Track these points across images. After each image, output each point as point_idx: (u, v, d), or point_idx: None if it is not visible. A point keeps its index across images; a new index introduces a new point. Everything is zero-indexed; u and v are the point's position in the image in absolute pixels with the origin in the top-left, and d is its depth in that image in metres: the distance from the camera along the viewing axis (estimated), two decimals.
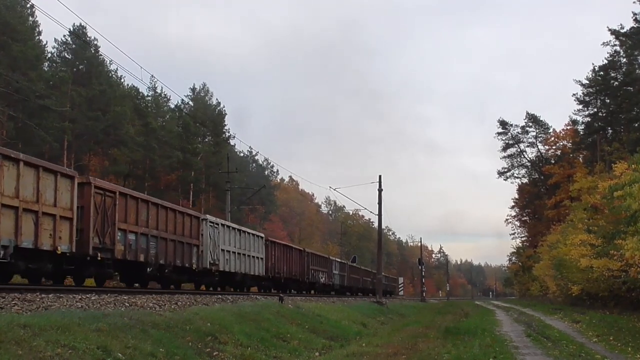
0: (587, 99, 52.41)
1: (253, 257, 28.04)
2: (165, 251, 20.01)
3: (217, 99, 70.73)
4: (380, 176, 42.76)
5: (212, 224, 23.84)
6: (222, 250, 24.61)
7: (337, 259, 48.19)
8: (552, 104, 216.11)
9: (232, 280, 26.46)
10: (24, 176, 13.47)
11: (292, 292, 33.96)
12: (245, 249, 27.20)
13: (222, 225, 25.17)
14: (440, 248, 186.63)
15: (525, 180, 75.04)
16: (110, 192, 17.26)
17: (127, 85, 56.48)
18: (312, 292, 39.00)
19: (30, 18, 46.17)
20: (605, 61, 48.30)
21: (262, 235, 30.51)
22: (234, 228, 26.47)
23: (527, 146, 71.43)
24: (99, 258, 16.40)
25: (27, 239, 13.52)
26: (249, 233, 28.31)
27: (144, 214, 18.88)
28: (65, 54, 49.30)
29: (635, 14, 42.73)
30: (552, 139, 68.14)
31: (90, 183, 16.38)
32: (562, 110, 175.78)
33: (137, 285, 20.55)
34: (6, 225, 12.88)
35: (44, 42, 47.15)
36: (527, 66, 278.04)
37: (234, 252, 25.79)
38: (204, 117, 63.70)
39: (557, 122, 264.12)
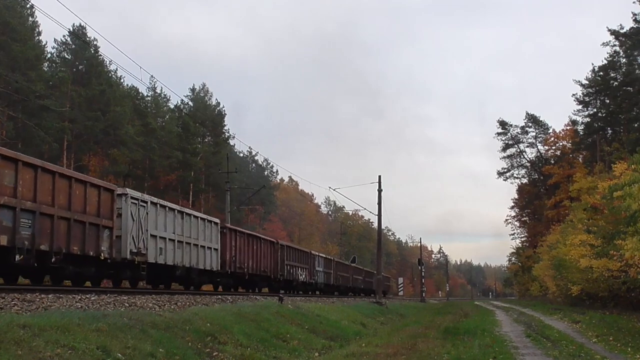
0: (586, 99, 52.45)
1: (203, 247, 22.76)
2: (50, 233, 14.44)
3: (216, 99, 70.91)
4: (380, 176, 42.79)
5: (135, 201, 18.48)
6: (154, 236, 19.26)
7: (321, 254, 43.62)
8: (550, 104, 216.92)
9: (170, 276, 21.49)
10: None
11: (260, 290, 29.98)
12: (192, 237, 21.90)
13: (154, 204, 19.61)
14: (440, 248, 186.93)
15: (525, 181, 75.20)
16: None
17: (127, 85, 56.61)
18: (290, 291, 34.49)
19: (30, 18, 46.23)
20: (605, 61, 48.36)
21: (217, 220, 25.07)
22: (172, 209, 20.96)
23: (527, 146, 71.64)
24: None
25: None
26: (196, 217, 22.93)
27: (10, 179, 13.22)
28: (65, 54, 49.33)
29: (635, 14, 42.78)
30: (552, 139, 68.23)
31: None
32: (560, 111, 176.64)
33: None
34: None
35: (44, 42, 47.30)
36: (525, 66, 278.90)
37: (172, 240, 20.47)
38: (203, 117, 63.75)
39: (555, 122, 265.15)
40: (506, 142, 71.94)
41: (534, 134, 70.32)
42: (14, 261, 13.24)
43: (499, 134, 71.94)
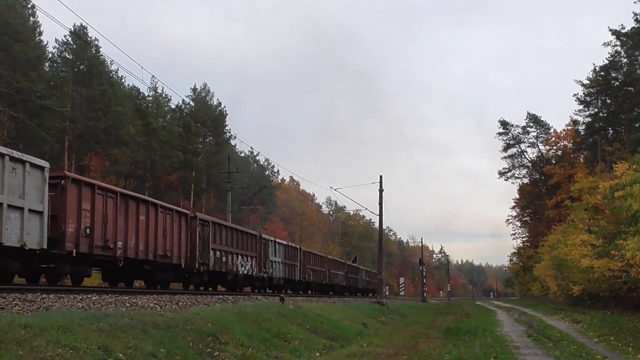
0: (587, 99, 52.46)
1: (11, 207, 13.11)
2: None
3: (217, 99, 70.92)
4: (381, 176, 42.88)
5: None
6: None
7: (278, 240, 33.62)
8: (551, 104, 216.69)
9: None
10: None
11: (158, 287, 20.79)
12: None
13: None
14: (441, 248, 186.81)
15: (526, 181, 75.21)
16: None
17: (128, 85, 56.65)
18: (211, 288, 25.77)
19: (31, 18, 46.23)
20: (606, 61, 48.38)
21: (42, 163, 14.32)
22: None
23: (528, 146, 71.69)
24: None
25: None
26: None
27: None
28: (66, 54, 49.35)
29: (636, 14, 42.78)
30: (553, 139, 68.27)
31: None
32: (561, 111, 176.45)
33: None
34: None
35: (45, 43, 47.27)
36: (525, 66, 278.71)
37: None
38: (204, 117, 63.79)
39: (555, 122, 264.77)
40: (507, 142, 72.04)
41: (535, 134, 70.43)
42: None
43: (500, 133, 72.06)
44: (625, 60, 46.74)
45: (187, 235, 21.80)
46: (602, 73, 48.93)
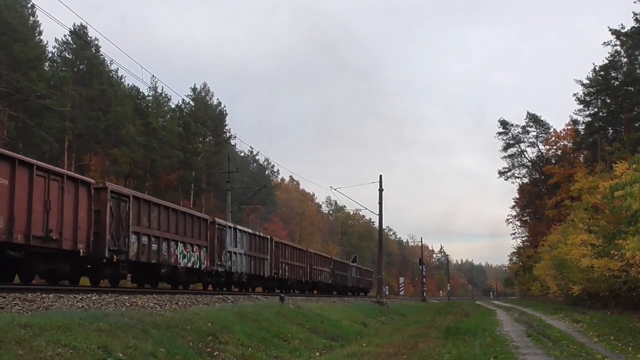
0: (587, 98, 52.45)
1: None
2: None
3: (217, 99, 70.86)
4: (380, 176, 42.84)
5: None
6: None
7: (240, 227, 28.27)
8: (551, 104, 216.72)
9: None
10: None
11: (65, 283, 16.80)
12: None
13: None
14: (441, 248, 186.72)
15: (525, 180, 75.21)
16: None
17: (128, 85, 56.55)
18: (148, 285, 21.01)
19: (31, 18, 46.21)
20: (606, 61, 48.39)
21: None
22: None
23: (528, 146, 71.73)
24: None
25: None
26: None
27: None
28: (66, 54, 49.33)
29: (635, 14, 42.80)
30: (553, 138, 68.31)
31: None
32: (560, 110, 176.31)
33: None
34: None
35: (45, 42, 47.24)
36: (525, 66, 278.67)
37: None
38: (204, 117, 63.79)
39: (556, 121, 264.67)
40: (507, 141, 72.09)
41: (534, 133, 70.47)
42: None
43: (500, 133, 72.09)
44: (625, 59, 46.75)
45: (89, 211, 16.15)
46: (602, 73, 48.93)
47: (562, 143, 66.45)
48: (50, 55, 48.36)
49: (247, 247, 27.71)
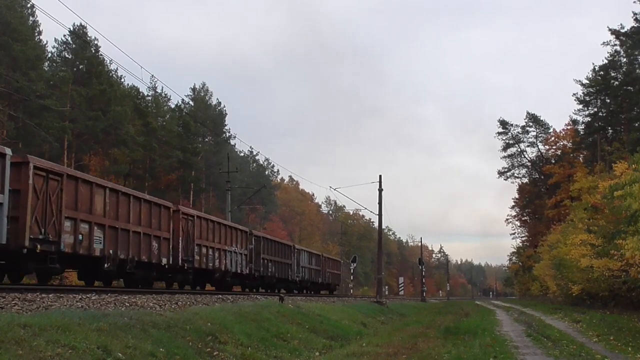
0: (587, 98, 52.40)
1: None
2: None
3: (217, 99, 70.92)
4: (380, 176, 42.82)
5: None
6: None
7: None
8: (550, 104, 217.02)
9: None
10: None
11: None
12: None
13: None
14: (441, 248, 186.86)
15: (525, 180, 75.20)
16: None
17: (128, 85, 56.56)
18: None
19: (31, 18, 46.21)
20: (606, 61, 48.35)
21: None
22: None
23: (528, 146, 71.70)
24: None
25: None
26: None
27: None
28: (66, 54, 49.31)
29: (635, 14, 42.75)
30: (552, 138, 68.26)
31: None
32: (560, 110, 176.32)
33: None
34: None
35: (44, 42, 47.26)
36: (524, 66, 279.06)
37: None
38: (204, 117, 63.81)
39: (556, 121, 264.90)
40: (507, 141, 72.06)
41: (534, 133, 70.46)
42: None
43: (499, 133, 72.07)
44: (625, 59, 46.71)
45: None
46: (602, 72, 48.91)
47: (561, 143, 66.45)
48: (49, 55, 48.38)
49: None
